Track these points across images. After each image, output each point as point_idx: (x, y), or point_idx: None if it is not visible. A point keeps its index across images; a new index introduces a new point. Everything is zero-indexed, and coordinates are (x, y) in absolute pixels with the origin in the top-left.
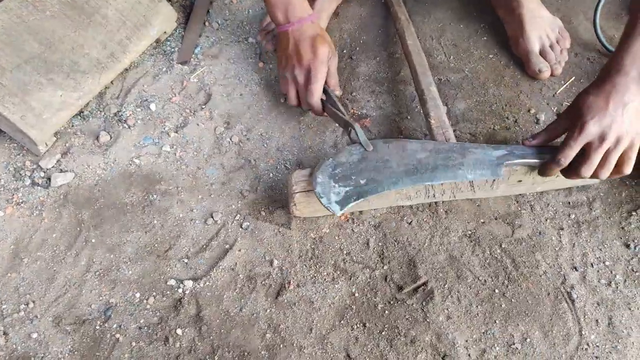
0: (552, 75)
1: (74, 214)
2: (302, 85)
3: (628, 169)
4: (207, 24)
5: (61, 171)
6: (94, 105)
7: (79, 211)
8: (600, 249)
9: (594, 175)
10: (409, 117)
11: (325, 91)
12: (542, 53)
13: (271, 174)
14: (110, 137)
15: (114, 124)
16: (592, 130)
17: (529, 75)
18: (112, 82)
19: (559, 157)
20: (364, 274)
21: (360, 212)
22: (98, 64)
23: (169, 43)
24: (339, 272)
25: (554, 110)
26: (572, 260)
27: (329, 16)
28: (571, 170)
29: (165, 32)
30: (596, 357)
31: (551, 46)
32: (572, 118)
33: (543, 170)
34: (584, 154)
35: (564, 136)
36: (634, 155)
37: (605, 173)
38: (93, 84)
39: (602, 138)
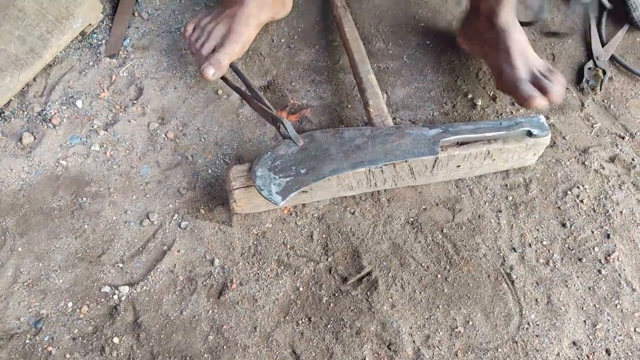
0: (551, 102)
1: None
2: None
3: None
4: (136, 14)
5: None
6: (16, 105)
7: (2, 219)
8: (538, 229)
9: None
10: (349, 106)
11: (248, 86)
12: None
13: (210, 170)
14: (35, 138)
15: (38, 124)
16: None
17: (520, 104)
18: (34, 79)
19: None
20: (308, 268)
21: (304, 205)
22: (17, 60)
23: (95, 35)
24: (282, 267)
25: (490, 95)
26: (511, 241)
27: (258, 26)
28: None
29: (90, 25)
30: (537, 336)
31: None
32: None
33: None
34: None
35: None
36: None
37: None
38: (12, 82)
39: None
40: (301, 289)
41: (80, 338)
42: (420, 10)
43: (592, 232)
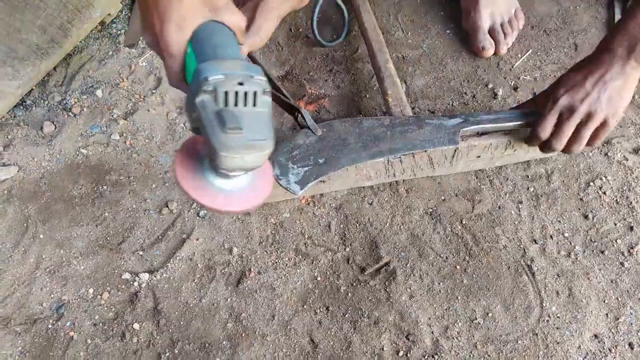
0: (495, 54)
1: (20, 210)
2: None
3: (596, 145)
4: None
5: (4, 165)
6: (37, 94)
7: (25, 206)
8: (559, 221)
9: (566, 149)
10: (367, 96)
11: (266, 75)
12: (491, 31)
13: None
14: (55, 127)
15: (59, 113)
16: (563, 102)
17: (472, 51)
18: (55, 69)
19: (537, 129)
20: (326, 257)
21: (321, 194)
22: (38, 50)
23: (114, 25)
24: (300, 257)
25: (511, 85)
26: (532, 233)
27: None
28: (547, 144)
29: (109, 14)
30: (557, 328)
31: (502, 25)
32: (550, 91)
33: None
34: (556, 127)
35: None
36: (605, 134)
37: (576, 147)
38: (33, 72)
39: (571, 110)
40: (319, 278)
41: (101, 324)
42: None
43: (615, 224)
